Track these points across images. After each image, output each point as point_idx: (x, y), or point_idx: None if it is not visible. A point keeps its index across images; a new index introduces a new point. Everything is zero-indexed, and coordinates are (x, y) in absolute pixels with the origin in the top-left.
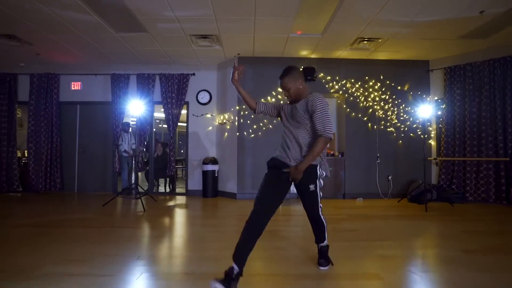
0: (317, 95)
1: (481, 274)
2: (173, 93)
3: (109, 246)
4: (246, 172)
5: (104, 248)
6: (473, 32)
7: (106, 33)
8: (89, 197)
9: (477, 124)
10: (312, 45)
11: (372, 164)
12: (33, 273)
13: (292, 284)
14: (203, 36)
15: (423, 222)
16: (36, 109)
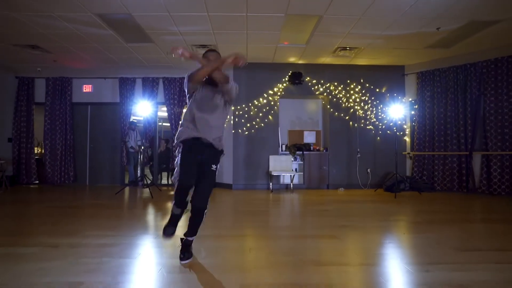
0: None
1: (414, 235)
2: (175, 95)
3: (127, 220)
4: (241, 165)
5: (125, 221)
6: (436, 43)
7: (118, 43)
8: (101, 188)
9: (443, 122)
10: (298, 53)
11: (353, 158)
12: (77, 235)
13: (265, 241)
14: (202, 45)
15: (389, 205)
16: (52, 109)
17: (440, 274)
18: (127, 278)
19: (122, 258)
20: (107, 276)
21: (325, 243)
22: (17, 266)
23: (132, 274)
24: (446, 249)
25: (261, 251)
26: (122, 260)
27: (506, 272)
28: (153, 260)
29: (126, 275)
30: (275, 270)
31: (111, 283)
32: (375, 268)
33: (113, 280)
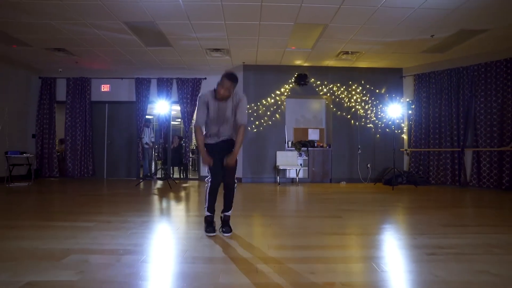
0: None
1: (407, 216)
2: (188, 94)
3: (157, 204)
4: (250, 160)
5: (154, 205)
6: (431, 48)
7: (138, 47)
8: (118, 181)
9: (438, 121)
10: (304, 56)
11: (354, 154)
12: (120, 214)
13: (280, 219)
14: (216, 49)
15: (385, 195)
16: (72, 107)
17: (425, 241)
18: (173, 242)
19: (163, 231)
20: (154, 240)
21: (330, 220)
22: (87, 233)
23: (177, 239)
24: (434, 226)
25: (278, 226)
26: (164, 232)
27: (483, 239)
28: (192, 231)
29: (172, 240)
30: (292, 237)
31: (156, 245)
32: (372, 237)
33: (158, 243)
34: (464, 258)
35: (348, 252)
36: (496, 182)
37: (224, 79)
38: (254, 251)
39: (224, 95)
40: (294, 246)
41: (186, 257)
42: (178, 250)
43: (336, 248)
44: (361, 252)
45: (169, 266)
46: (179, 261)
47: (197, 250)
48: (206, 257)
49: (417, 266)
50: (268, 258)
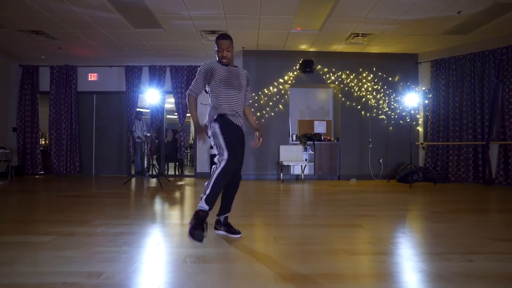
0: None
1: (440, 224)
2: (182, 84)
3: (140, 210)
4: (250, 155)
5: (137, 210)
6: (454, 29)
7: (125, 29)
8: (107, 179)
9: (459, 111)
10: (310, 39)
11: (364, 148)
12: (91, 223)
13: (289, 230)
14: (212, 31)
15: (405, 195)
16: (56, 98)
17: (482, 264)
18: (148, 267)
19: (140, 248)
20: (128, 266)
21: (349, 232)
22: (35, 254)
23: (153, 263)
24: (483, 239)
25: (286, 241)
26: (141, 249)
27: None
28: (174, 249)
29: (147, 264)
30: (304, 261)
31: (132, 273)
32: (409, 257)
33: (134, 269)
34: None
35: (380, 284)
36: None
37: (219, 41)
38: (250, 284)
39: (228, 56)
40: (307, 275)
41: None
42: (149, 283)
43: (363, 278)
44: (396, 283)
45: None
46: None
47: (175, 282)
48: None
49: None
50: None
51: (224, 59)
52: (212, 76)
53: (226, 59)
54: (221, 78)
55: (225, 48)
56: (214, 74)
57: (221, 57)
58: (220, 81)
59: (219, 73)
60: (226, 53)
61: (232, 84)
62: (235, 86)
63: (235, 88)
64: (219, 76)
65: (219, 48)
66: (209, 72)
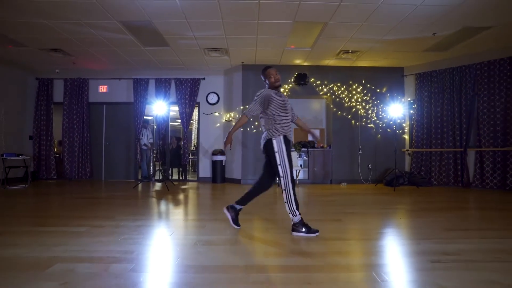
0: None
1: (407, 219)
2: (186, 95)
3: (153, 208)
4: (249, 161)
5: (151, 208)
6: (433, 47)
7: (135, 47)
8: (116, 183)
9: (440, 121)
10: (303, 55)
11: (355, 154)
12: (114, 218)
13: (278, 223)
14: (214, 49)
15: (387, 197)
16: (70, 108)
17: (429, 246)
18: (167, 248)
19: (158, 235)
20: (151, 248)
21: (329, 224)
22: (78, 239)
23: (170, 245)
24: (437, 230)
25: (276, 230)
26: (159, 236)
27: (488, 244)
28: (186, 235)
29: (166, 246)
30: (289, 243)
31: (156, 252)
32: (373, 242)
33: (157, 249)
34: (471, 266)
35: (347, 259)
36: (499, 183)
37: (269, 69)
38: (249, 258)
39: (279, 78)
40: (291, 252)
41: (177, 265)
42: (170, 258)
43: (334, 255)
44: (360, 259)
45: (158, 275)
46: (170, 270)
47: (190, 258)
48: (198, 265)
49: (421, 275)
50: (264, 267)
51: (278, 82)
52: (269, 102)
53: (280, 81)
54: (279, 104)
55: (276, 72)
56: (271, 100)
57: (277, 80)
58: (279, 106)
59: (277, 99)
60: (278, 76)
61: (287, 108)
62: (288, 109)
63: (288, 111)
64: (277, 102)
65: (272, 74)
66: (267, 99)
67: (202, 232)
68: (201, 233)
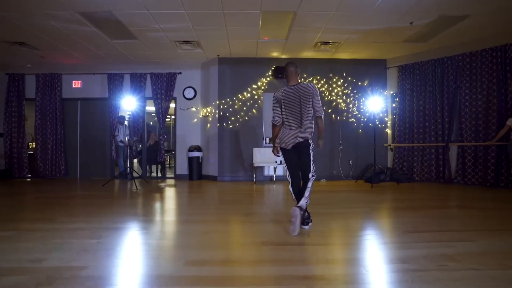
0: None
1: (371, 220)
2: (162, 90)
3: (102, 208)
4: (225, 158)
5: (99, 208)
6: (412, 37)
7: (103, 40)
8: (91, 181)
9: (422, 114)
10: (280, 48)
11: (335, 150)
12: (55, 221)
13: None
14: (185, 41)
15: (362, 195)
16: (42, 105)
17: (388, 252)
18: (87, 256)
19: (85, 239)
20: (71, 253)
21: (282, 227)
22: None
23: (93, 252)
24: (398, 232)
25: (219, 233)
26: (86, 240)
27: (442, 248)
28: (113, 242)
29: (87, 253)
30: (226, 249)
31: (72, 260)
32: (323, 247)
33: (76, 256)
34: (415, 276)
35: (286, 268)
36: (481, 179)
37: (287, 67)
38: (167, 268)
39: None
40: (222, 260)
41: (85, 276)
42: (78, 270)
43: (271, 264)
44: (302, 268)
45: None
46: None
47: (99, 269)
48: (106, 275)
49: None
50: (179, 278)
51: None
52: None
53: (285, 73)
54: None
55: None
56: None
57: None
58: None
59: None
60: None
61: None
62: (288, 106)
63: (288, 108)
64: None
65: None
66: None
67: (126, 241)
68: (126, 242)
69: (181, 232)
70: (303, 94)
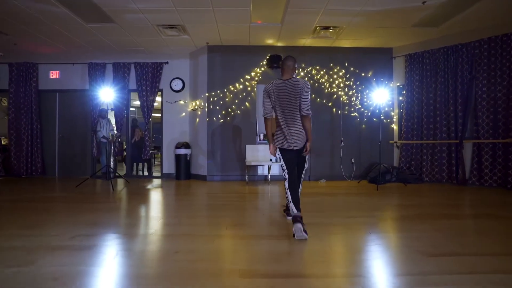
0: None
1: (380, 235)
2: (147, 81)
3: (65, 217)
4: (215, 155)
5: (60, 217)
6: (423, 21)
7: (77, 24)
8: (68, 181)
9: (433, 108)
10: (275, 33)
11: (336, 147)
12: (3, 234)
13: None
14: (169, 26)
15: (366, 199)
16: (16, 97)
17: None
18: None
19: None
20: None
21: (275, 244)
22: None
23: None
24: (414, 254)
25: (190, 254)
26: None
27: (482, 283)
28: (40, 271)
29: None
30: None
31: None
32: (322, 280)
33: None
34: None
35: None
36: (500, 180)
37: (284, 61)
38: None
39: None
40: None
41: None
42: None
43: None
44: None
45: None
46: None
47: None
48: None
49: None
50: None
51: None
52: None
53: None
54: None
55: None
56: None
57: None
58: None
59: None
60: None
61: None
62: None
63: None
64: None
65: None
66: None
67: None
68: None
69: (141, 254)
70: (294, 89)
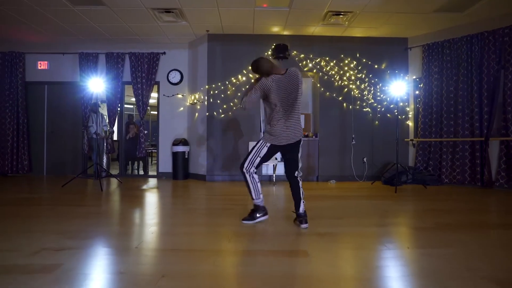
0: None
1: (420, 250)
2: (143, 73)
3: (36, 225)
4: (216, 153)
5: (38, 223)
6: (446, 5)
7: (63, 6)
8: (56, 180)
9: (454, 103)
10: (281, 20)
11: (347, 145)
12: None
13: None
14: (165, 10)
15: (385, 203)
16: (0, 89)
17: None
18: None
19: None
20: None
21: (284, 262)
22: None
23: None
24: (472, 281)
25: (173, 277)
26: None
27: None
28: None
29: None
30: None
31: None
32: None
33: None
34: None
35: None
36: None
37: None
38: None
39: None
40: None
41: None
42: None
43: None
44: None
45: None
46: None
47: None
48: None
49: None
50: None
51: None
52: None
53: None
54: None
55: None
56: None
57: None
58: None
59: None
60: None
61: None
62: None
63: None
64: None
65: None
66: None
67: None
68: None
69: (115, 279)
70: (296, 79)
